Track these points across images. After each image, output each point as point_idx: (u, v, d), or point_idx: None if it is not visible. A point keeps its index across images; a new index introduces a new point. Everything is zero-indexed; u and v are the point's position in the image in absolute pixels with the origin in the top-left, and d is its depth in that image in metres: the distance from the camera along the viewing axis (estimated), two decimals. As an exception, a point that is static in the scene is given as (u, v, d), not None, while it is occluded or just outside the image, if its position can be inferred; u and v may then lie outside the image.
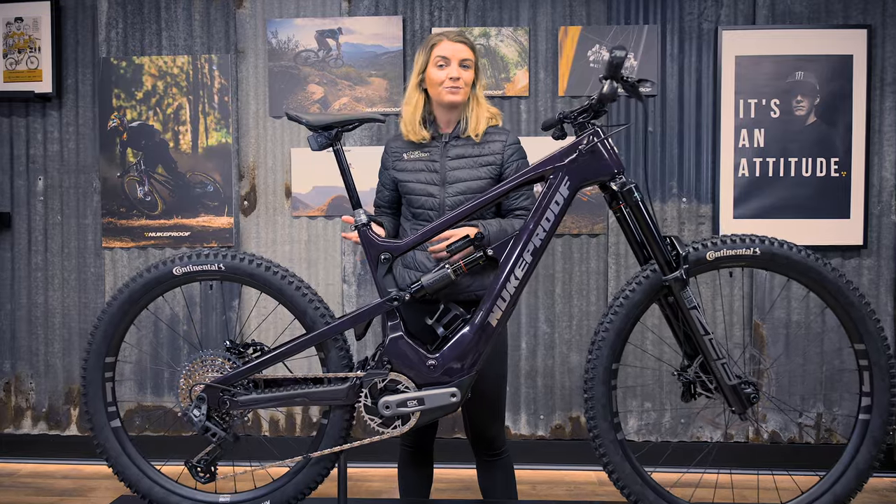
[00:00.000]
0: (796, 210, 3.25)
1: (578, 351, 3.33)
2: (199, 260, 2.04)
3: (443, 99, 2.20)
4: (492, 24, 3.31)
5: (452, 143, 2.24)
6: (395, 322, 2.02)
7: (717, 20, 3.29)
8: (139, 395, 3.40)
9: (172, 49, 3.38)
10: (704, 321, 1.89)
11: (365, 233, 2.03)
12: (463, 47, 2.21)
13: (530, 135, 3.31)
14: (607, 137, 1.94)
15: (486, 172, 2.22)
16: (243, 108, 3.38)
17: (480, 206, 2.00)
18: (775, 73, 3.24)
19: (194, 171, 3.37)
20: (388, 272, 2.03)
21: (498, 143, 2.26)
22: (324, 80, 3.34)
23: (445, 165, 2.21)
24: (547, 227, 1.95)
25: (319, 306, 2.03)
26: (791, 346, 3.27)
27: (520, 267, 1.95)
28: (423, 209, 2.21)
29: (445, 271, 1.99)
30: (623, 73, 1.78)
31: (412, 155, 2.25)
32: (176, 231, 3.38)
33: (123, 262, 3.40)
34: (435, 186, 2.20)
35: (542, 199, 1.96)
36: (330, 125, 2.00)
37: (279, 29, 3.34)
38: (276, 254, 3.37)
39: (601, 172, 1.94)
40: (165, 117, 3.38)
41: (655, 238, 1.90)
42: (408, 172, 2.24)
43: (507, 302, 1.96)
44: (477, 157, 2.23)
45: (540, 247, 1.96)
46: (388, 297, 2.00)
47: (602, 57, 3.28)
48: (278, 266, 2.04)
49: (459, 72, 2.19)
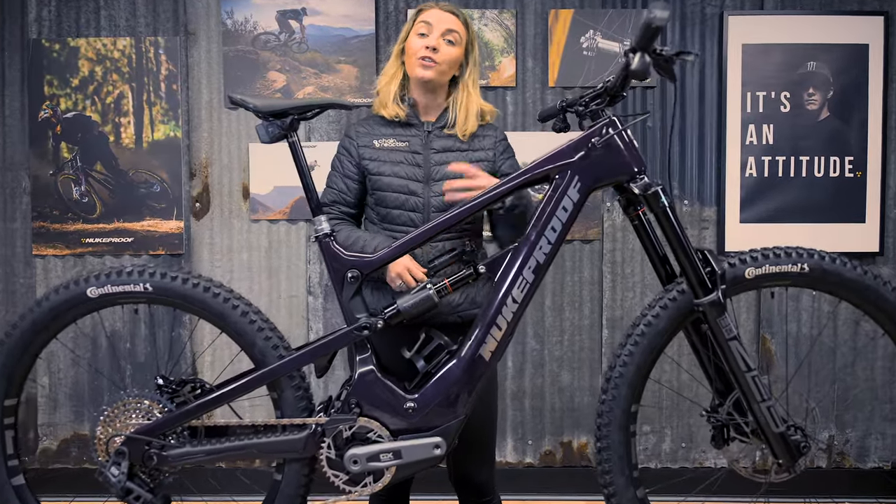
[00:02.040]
0: (808, 213, 2.90)
1: (570, 369, 2.95)
2: (119, 279, 1.61)
3: (414, 73, 1.81)
4: (475, 6, 2.91)
5: (436, 134, 1.84)
6: (366, 355, 1.61)
7: (721, 5, 2.92)
8: (75, 422, 2.93)
9: (113, 30, 2.92)
10: (747, 355, 1.51)
11: (328, 245, 1.62)
12: (452, 18, 1.82)
13: (517, 129, 2.92)
14: (626, 128, 1.55)
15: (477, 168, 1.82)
16: (194, 98, 2.93)
17: (476, 208, 1.60)
18: (785, 64, 2.89)
19: (138, 168, 2.92)
20: (356, 294, 1.61)
21: (489, 139, 1.87)
22: (286, 67, 2.91)
23: (430, 159, 1.81)
24: (552, 239, 1.56)
25: (271, 336, 1.62)
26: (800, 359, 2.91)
27: (519, 288, 1.56)
28: (403, 210, 1.80)
29: (427, 292, 1.59)
30: (656, 45, 1.38)
31: (386, 143, 1.83)
32: (117, 237, 2.92)
33: (57, 271, 2.94)
34: (418, 183, 1.79)
35: (545, 205, 1.56)
36: (284, 111, 1.58)
37: (235, 8, 2.90)
38: (233, 262, 2.93)
39: (619, 171, 1.55)
40: (105, 107, 2.92)
41: (687, 252, 1.51)
42: (382, 164, 1.82)
43: (503, 331, 1.57)
44: (467, 151, 1.84)
45: (543, 263, 1.56)
46: (357, 326, 1.59)
47: (595, 44, 2.90)
48: (220, 286, 1.62)
49: (439, 43, 1.79)
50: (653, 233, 1.63)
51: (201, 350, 2.92)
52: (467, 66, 1.88)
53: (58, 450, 2.94)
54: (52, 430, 2.94)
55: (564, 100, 1.76)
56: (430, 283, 1.60)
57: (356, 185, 1.86)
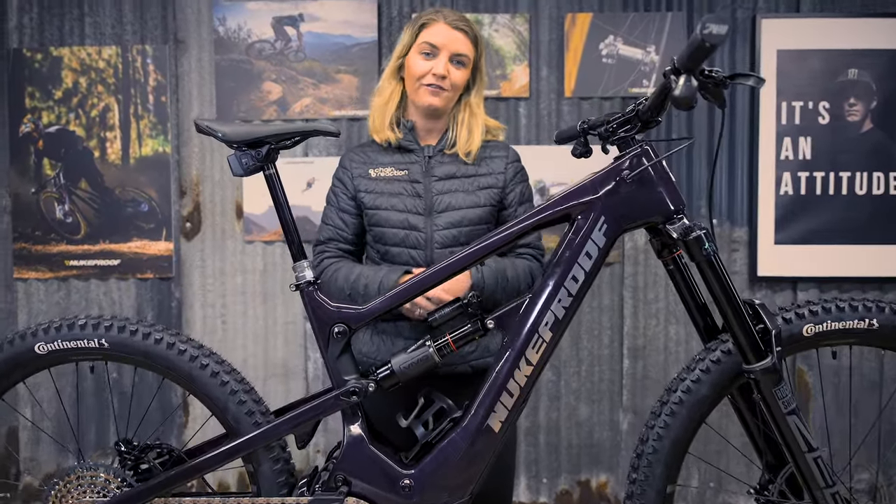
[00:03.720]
0: (848, 234, 2.62)
1: (588, 402, 2.68)
2: (71, 333, 1.37)
3: (419, 100, 1.56)
4: (485, 9, 2.65)
5: (438, 159, 1.60)
6: (355, 423, 1.36)
7: (754, 7, 2.64)
8: (60, 456, 2.71)
9: (98, 38, 2.69)
10: (808, 432, 1.25)
11: (311, 295, 1.37)
12: (461, 37, 1.57)
13: (531, 143, 2.66)
14: (662, 160, 1.29)
15: (485, 198, 1.59)
16: (184, 111, 2.69)
17: (483, 254, 1.35)
18: (824, 71, 2.60)
19: (125, 186, 2.69)
20: (343, 351, 1.36)
21: (498, 160, 1.62)
22: (282, 77, 2.67)
23: (431, 188, 1.57)
24: (574, 291, 1.30)
25: (246, 400, 1.37)
26: (841, 398, 2.63)
27: (534, 348, 1.30)
28: (403, 248, 1.57)
29: (426, 351, 1.33)
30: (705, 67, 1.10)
31: (383, 172, 1.59)
32: (103, 259, 2.69)
33: (40, 295, 2.71)
34: (419, 216, 1.56)
35: (565, 250, 1.31)
36: (259, 140, 1.33)
37: (228, 15, 2.66)
38: (226, 286, 2.69)
39: (653, 210, 1.29)
40: (90, 121, 2.69)
41: (736, 310, 1.24)
42: (378, 196, 1.59)
43: (516, 398, 1.31)
44: (473, 177, 1.59)
45: (563, 318, 1.30)
46: (344, 391, 1.34)
47: (616, 50, 2.63)
48: (186, 341, 1.38)
49: (448, 69, 1.55)
50: (691, 279, 1.37)
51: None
52: (474, 85, 1.64)
53: (41, 486, 2.71)
54: (36, 465, 2.72)
55: (586, 121, 1.50)
56: (430, 339, 1.35)
57: (354, 220, 1.63)
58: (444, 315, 1.34)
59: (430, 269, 1.35)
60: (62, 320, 1.38)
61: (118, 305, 2.70)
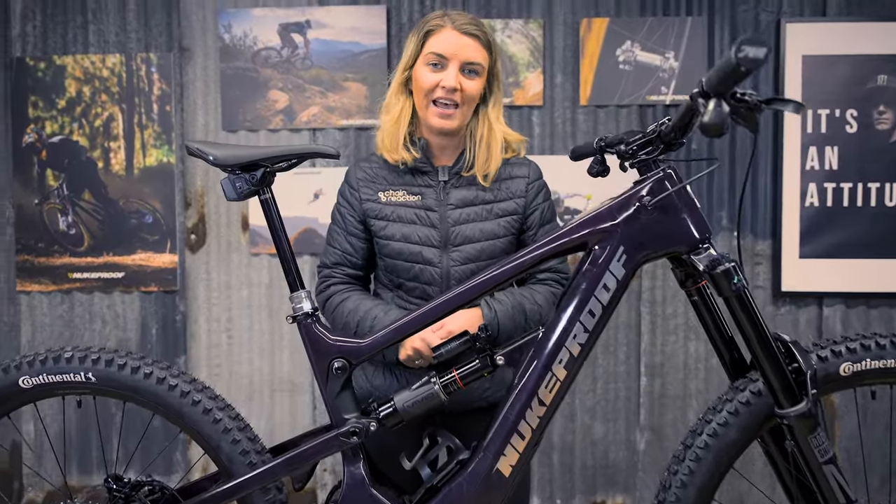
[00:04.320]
0: (877, 248, 2.49)
1: (604, 420, 2.58)
2: (57, 366, 1.29)
3: (430, 121, 1.45)
4: (497, 15, 2.54)
5: (454, 183, 1.48)
6: (356, 464, 1.27)
7: (778, 11, 2.52)
8: (64, 472, 2.65)
9: (102, 46, 2.62)
10: (846, 483, 1.14)
11: (309, 328, 1.28)
12: (472, 43, 1.43)
13: (544, 152, 2.55)
14: (686, 185, 1.18)
15: (504, 227, 1.47)
16: (189, 120, 2.61)
17: (494, 284, 1.24)
18: (852, 77, 2.47)
19: (129, 197, 2.61)
20: (344, 388, 1.27)
21: (519, 181, 1.50)
22: (289, 85, 2.58)
23: (447, 217, 1.45)
24: (590, 326, 1.19)
25: (240, 438, 1.28)
26: (870, 418, 2.51)
27: (547, 387, 1.20)
28: (417, 283, 1.45)
29: (431, 388, 1.24)
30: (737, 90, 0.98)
31: (395, 195, 1.47)
32: (106, 271, 2.62)
33: (43, 308, 2.65)
34: (434, 250, 1.44)
35: (580, 279, 1.20)
36: (253, 163, 1.24)
37: (233, 22, 2.57)
38: (231, 299, 2.61)
39: (677, 240, 1.19)
40: (93, 131, 2.62)
41: (769, 349, 1.14)
42: (390, 224, 1.46)
43: (527, 440, 1.21)
44: (491, 203, 1.47)
45: (579, 355, 1.20)
46: (345, 431, 1.24)
47: (633, 56, 2.51)
48: (178, 375, 1.29)
49: (460, 80, 1.42)
50: (716, 311, 1.26)
51: (197, 396, 2.61)
52: (491, 95, 1.51)
53: (44, 502, 2.65)
54: (38, 479, 2.66)
55: (602, 138, 1.40)
56: (436, 374, 1.25)
57: (363, 244, 1.51)
58: (450, 350, 1.25)
59: (437, 300, 1.25)
60: (47, 353, 1.30)
61: (122, 319, 2.63)
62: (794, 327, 2.52)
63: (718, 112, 0.89)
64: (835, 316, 2.52)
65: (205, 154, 1.22)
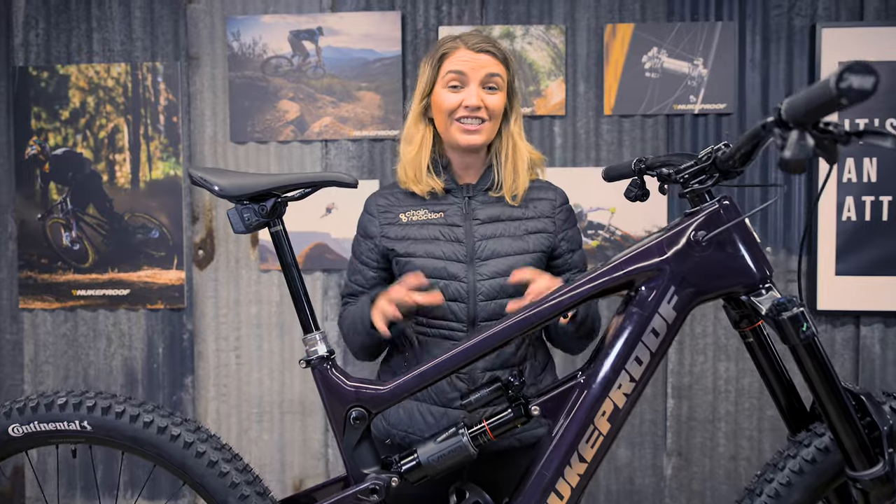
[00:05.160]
0: (917, 265, 2.35)
1: (629, 445, 2.45)
2: (49, 414, 1.17)
3: (455, 139, 1.35)
4: (517, 21, 2.41)
5: (480, 200, 1.39)
6: (375, 523, 1.14)
7: (813, 15, 2.38)
8: (66, 498, 2.54)
9: (106, 55, 2.50)
10: (930, 557, 1.00)
11: (325, 373, 1.16)
12: (489, 59, 1.35)
13: (566, 164, 2.42)
14: (745, 217, 1.05)
15: (535, 243, 1.37)
16: (197, 131, 2.50)
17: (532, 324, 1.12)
18: (891, 85, 2.33)
19: (134, 211, 2.50)
20: (363, 438, 1.15)
21: (545, 203, 1.40)
22: (300, 95, 2.46)
23: (473, 232, 1.36)
24: (637, 375, 1.07)
25: (248, 494, 1.16)
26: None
27: (589, 441, 1.08)
28: (444, 300, 1.35)
29: (460, 440, 1.12)
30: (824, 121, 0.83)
31: (416, 214, 1.39)
32: (111, 288, 2.51)
33: (47, 326, 2.54)
34: (459, 264, 1.34)
35: (625, 321, 1.07)
36: (262, 194, 1.12)
37: (242, 29, 2.45)
38: (240, 317, 2.49)
39: (734, 280, 1.06)
40: (98, 143, 2.50)
41: (842, 406, 1.00)
42: (412, 243, 1.37)
43: (566, 500, 1.09)
44: (520, 220, 1.38)
45: (624, 407, 1.08)
46: (363, 489, 1.12)
47: (660, 63, 2.38)
48: (181, 423, 1.17)
49: (482, 97, 1.33)
50: (775, 355, 1.13)
51: (204, 416, 2.50)
52: (512, 111, 1.42)
53: (48, 527, 2.55)
54: (43, 504, 2.55)
55: (642, 159, 1.28)
56: (464, 425, 1.13)
57: (375, 274, 1.44)
58: (480, 398, 1.12)
59: (468, 341, 1.12)
60: (39, 398, 1.18)
61: (127, 337, 2.52)
62: (831, 347, 2.38)
63: (802, 146, 0.75)
64: (873, 336, 2.38)
65: (209, 184, 1.10)
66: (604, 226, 2.40)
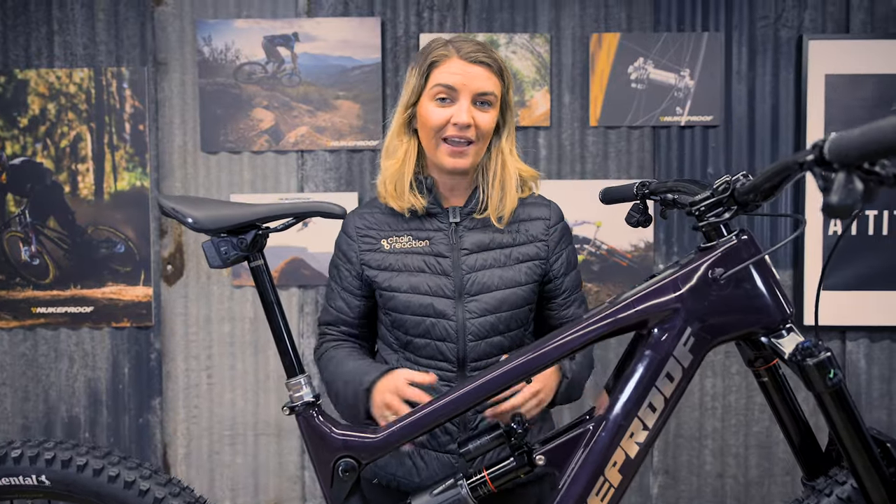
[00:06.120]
0: (903, 279, 2.32)
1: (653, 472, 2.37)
2: (4, 467, 1.05)
3: (440, 161, 1.25)
4: (500, 29, 2.33)
5: (466, 225, 1.28)
6: (366, 583, 1.04)
7: (799, 27, 2.33)
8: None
9: (68, 60, 2.35)
10: None
11: (310, 421, 1.05)
12: (483, 72, 1.24)
13: (551, 177, 2.35)
14: (765, 255, 0.98)
15: (527, 274, 1.27)
16: (165, 141, 2.36)
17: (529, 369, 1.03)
18: (878, 98, 2.30)
19: (98, 224, 2.36)
20: (352, 493, 1.05)
21: (538, 223, 1.31)
22: (274, 103, 2.34)
23: (461, 264, 1.26)
24: (651, 422, 0.99)
25: (226, 553, 1.05)
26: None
27: (598, 494, 0.99)
28: (429, 339, 1.25)
29: (458, 492, 1.03)
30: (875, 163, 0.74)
31: (399, 242, 1.28)
32: (74, 306, 2.36)
33: (4, 346, 2.38)
34: (447, 300, 1.24)
35: (636, 363, 0.99)
36: (241, 226, 1.01)
37: (214, 34, 2.33)
38: (212, 335, 2.37)
39: (753, 320, 0.98)
40: (59, 152, 2.36)
41: (870, 454, 0.94)
42: (395, 275, 1.27)
43: (574, 558, 1.00)
44: (510, 247, 1.28)
45: (636, 456, 1.00)
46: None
47: (646, 74, 2.31)
48: (150, 476, 1.06)
49: (473, 114, 1.23)
50: (791, 397, 1.06)
51: (173, 439, 2.37)
52: (504, 127, 1.32)
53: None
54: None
55: (645, 183, 1.20)
56: (462, 476, 1.04)
57: (359, 302, 1.32)
58: (479, 447, 1.03)
59: (461, 387, 1.03)
60: (-8, 448, 1.06)
61: (91, 357, 2.37)
62: (817, 364, 2.34)
63: (851, 190, 0.68)
64: (858, 351, 2.35)
65: (182, 216, 0.99)
66: (589, 240, 2.33)
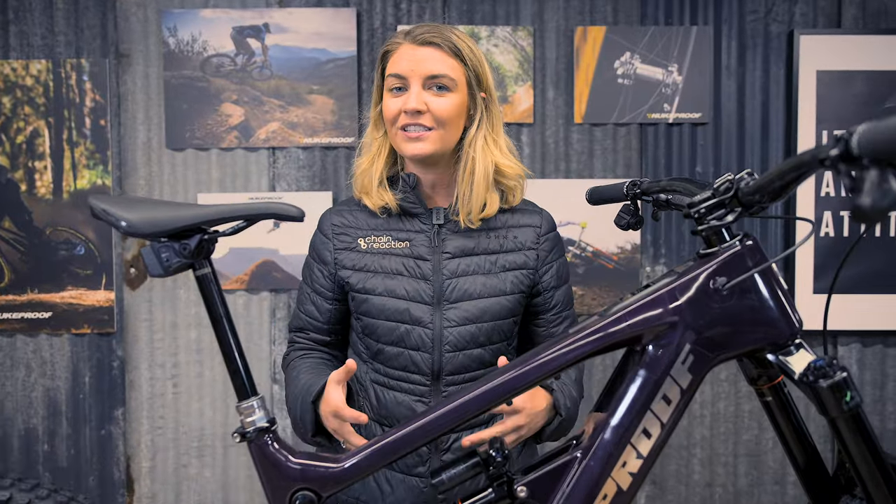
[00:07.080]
0: (895, 282, 2.24)
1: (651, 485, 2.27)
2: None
3: (401, 150, 1.17)
4: (482, 21, 2.22)
5: (450, 228, 1.18)
6: None
7: (790, 21, 2.25)
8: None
9: (25, 51, 2.21)
10: None
11: (263, 449, 0.94)
12: (433, 53, 1.13)
13: (535, 175, 2.24)
14: (771, 264, 0.87)
15: (512, 283, 1.17)
16: (128, 136, 2.23)
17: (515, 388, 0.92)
18: (870, 95, 2.22)
19: (57, 225, 2.21)
20: (311, 529, 0.93)
21: (528, 230, 1.21)
22: (244, 98, 2.21)
23: (441, 268, 1.15)
24: (645, 450, 0.88)
25: None
26: None
27: (587, 530, 0.87)
28: (402, 348, 1.15)
29: (430, 528, 0.90)
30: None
31: (377, 242, 1.18)
32: (31, 311, 2.22)
33: (-44, 354, 2.24)
34: (425, 307, 1.14)
35: (628, 385, 0.89)
36: (185, 229, 0.89)
37: (179, 24, 2.19)
38: (178, 342, 2.23)
39: (759, 335, 0.88)
40: (15, 148, 2.21)
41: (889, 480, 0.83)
42: (370, 276, 1.16)
43: None
44: (496, 253, 1.18)
45: (629, 487, 0.88)
46: (311, 592, 0.90)
47: (633, 69, 2.21)
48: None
49: (425, 99, 1.12)
50: (796, 416, 0.96)
51: (137, 451, 2.23)
52: (477, 112, 1.19)
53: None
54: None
55: (637, 182, 1.10)
56: (436, 509, 0.92)
57: (330, 306, 1.22)
58: (454, 477, 0.92)
59: (438, 409, 0.92)
60: None
61: (50, 365, 2.23)
62: (808, 369, 2.25)
63: (887, 191, 0.57)
64: (850, 355, 2.27)
65: (114, 219, 0.86)
66: (574, 241, 2.22)
